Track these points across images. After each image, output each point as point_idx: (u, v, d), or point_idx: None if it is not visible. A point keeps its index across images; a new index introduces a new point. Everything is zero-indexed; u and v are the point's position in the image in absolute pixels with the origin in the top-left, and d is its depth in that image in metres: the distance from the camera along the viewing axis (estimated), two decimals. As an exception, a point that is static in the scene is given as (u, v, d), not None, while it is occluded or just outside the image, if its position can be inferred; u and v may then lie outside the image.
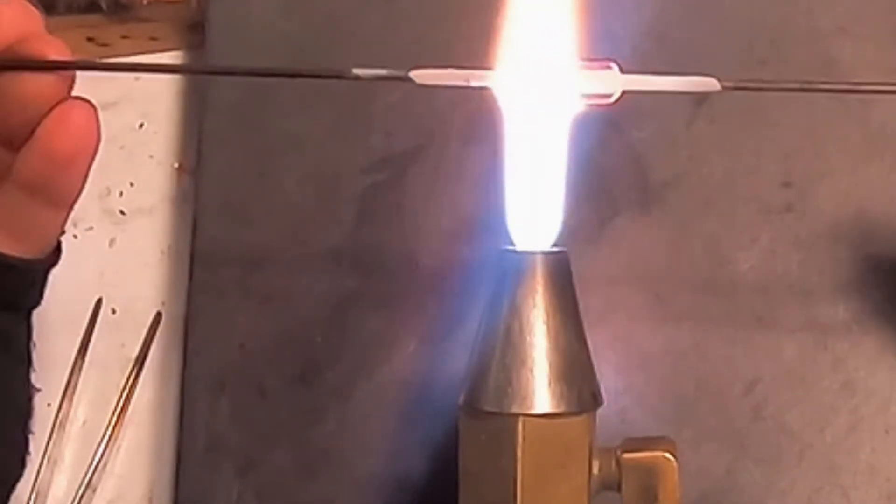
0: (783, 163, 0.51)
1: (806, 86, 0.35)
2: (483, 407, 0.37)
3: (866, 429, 0.49)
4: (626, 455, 0.40)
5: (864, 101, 0.51)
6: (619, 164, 0.52)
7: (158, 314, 0.58)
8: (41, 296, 0.38)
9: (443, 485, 0.40)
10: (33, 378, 0.39)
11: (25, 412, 0.38)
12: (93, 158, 0.34)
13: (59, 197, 0.34)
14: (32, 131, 0.33)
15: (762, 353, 0.50)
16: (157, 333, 0.58)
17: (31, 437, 0.38)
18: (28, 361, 0.38)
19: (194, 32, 0.60)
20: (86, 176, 0.35)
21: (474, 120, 0.53)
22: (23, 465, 0.38)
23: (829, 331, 0.49)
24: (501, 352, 0.37)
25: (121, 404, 0.57)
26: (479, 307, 0.39)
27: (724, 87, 0.33)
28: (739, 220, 0.51)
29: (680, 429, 0.49)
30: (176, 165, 0.60)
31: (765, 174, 0.51)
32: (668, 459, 0.40)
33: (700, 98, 0.52)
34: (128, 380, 0.57)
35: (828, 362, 0.49)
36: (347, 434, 0.51)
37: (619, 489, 0.40)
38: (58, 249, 0.37)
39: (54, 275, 0.39)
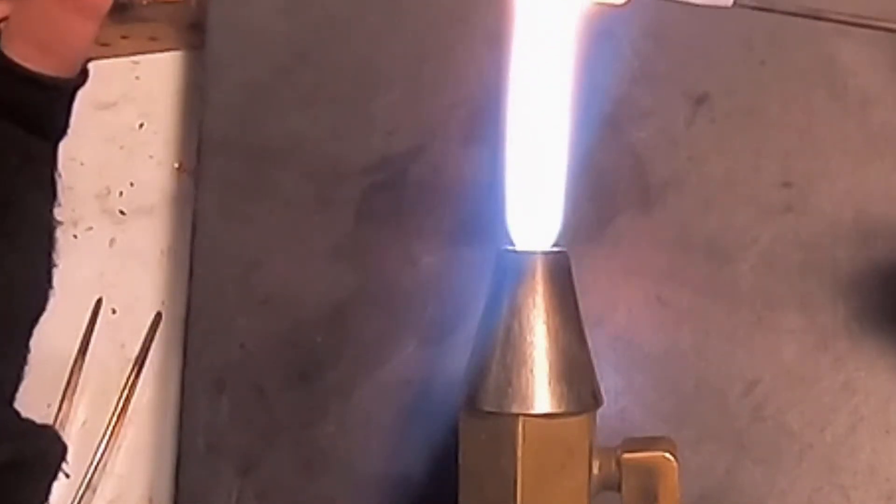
0: (783, 163, 0.51)
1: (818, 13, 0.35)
2: (483, 407, 0.37)
3: (866, 429, 0.48)
4: (626, 455, 0.40)
5: (864, 102, 0.51)
6: (619, 164, 0.52)
7: (158, 314, 0.59)
8: (67, 123, 0.38)
9: (443, 485, 0.40)
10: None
11: (50, 241, 0.39)
12: None
13: (90, 4, 0.34)
14: None
15: (762, 353, 0.50)
16: (157, 333, 0.58)
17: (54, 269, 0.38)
18: (54, 192, 0.38)
19: (194, 32, 0.60)
20: None
21: (474, 120, 0.53)
22: (46, 296, 0.38)
23: (829, 331, 0.49)
24: (501, 352, 0.37)
25: (121, 404, 0.57)
26: (479, 307, 0.39)
27: (736, 4, 0.33)
28: (739, 220, 0.51)
29: (680, 429, 0.49)
30: (176, 165, 0.60)
31: (765, 174, 0.51)
32: (668, 459, 0.40)
33: (700, 98, 0.52)
34: (128, 380, 0.57)
35: (828, 362, 0.49)
36: (347, 434, 0.51)
37: (619, 489, 0.40)
38: (84, 71, 0.37)
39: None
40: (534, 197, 0.39)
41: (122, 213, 0.61)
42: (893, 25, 0.35)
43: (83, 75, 0.37)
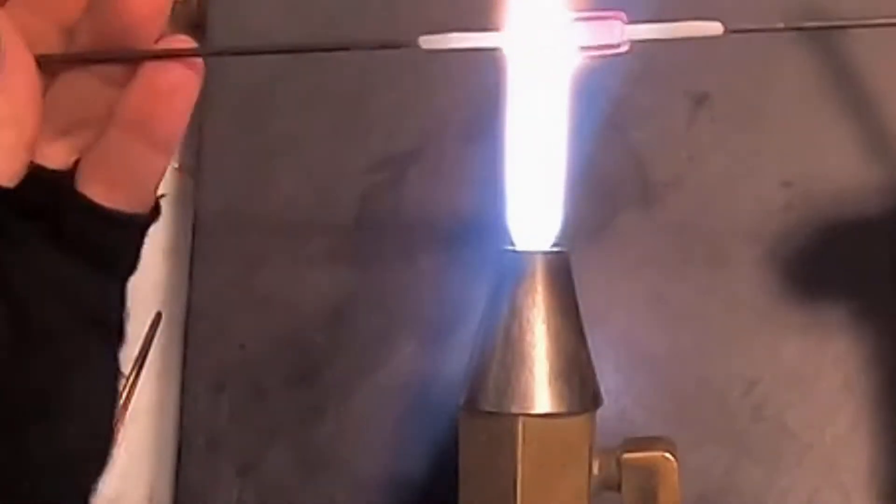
0: (783, 163, 0.51)
1: (820, 23, 0.35)
2: (483, 407, 0.37)
3: (866, 429, 0.49)
4: (626, 455, 0.40)
5: (864, 102, 0.51)
6: (619, 164, 0.52)
7: (158, 314, 0.58)
8: (137, 261, 0.36)
9: (443, 485, 0.40)
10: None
11: (112, 397, 0.36)
12: (194, 97, 0.34)
13: (161, 136, 0.34)
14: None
15: (762, 353, 0.50)
16: (157, 333, 0.58)
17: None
18: (120, 337, 0.36)
19: (194, 32, 0.60)
20: (186, 116, 0.34)
21: (474, 120, 0.53)
22: (107, 457, 0.35)
23: (829, 331, 0.49)
24: (501, 352, 0.37)
25: (121, 404, 0.57)
26: (479, 307, 0.39)
27: (727, 31, 0.33)
28: (739, 220, 0.51)
29: (680, 429, 0.49)
30: (176, 165, 0.60)
31: (765, 174, 0.51)
32: (668, 459, 0.40)
33: (700, 98, 0.52)
34: (128, 380, 0.57)
35: (828, 362, 0.49)
36: (347, 434, 0.51)
37: (619, 489, 0.40)
38: (156, 208, 0.36)
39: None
40: (534, 197, 0.39)
41: (122, 213, 0.61)
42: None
43: (156, 210, 0.36)
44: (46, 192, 0.33)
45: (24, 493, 0.32)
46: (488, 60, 0.37)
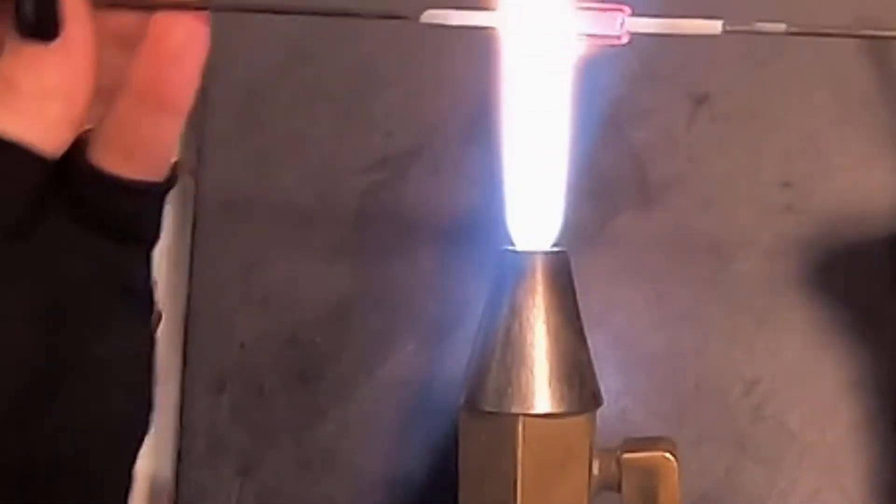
0: (783, 163, 0.51)
1: (824, 30, 0.35)
2: (483, 407, 0.37)
3: (866, 429, 0.49)
4: (626, 455, 0.40)
5: (864, 101, 0.51)
6: (619, 164, 0.52)
7: (158, 314, 0.58)
8: (160, 228, 0.35)
9: (443, 485, 0.40)
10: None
11: (148, 361, 0.36)
12: (202, 58, 0.33)
13: (171, 100, 0.33)
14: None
15: (762, 353, 0.50)
16: (157, 333, 0.58)
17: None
18: (150, 307, 0.36)
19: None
20: (197, 75, 0.33)
21: (474, 120, 0.53)
22: (148, 421, 0.36)
23: (829, 331, 0.49)
24: (501, 352, 0.37)
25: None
26: (479, 307, 0.39)
27: (725, 31, 0.33)
28: (739, 220, 0.51)
29: (680, 429, 0.49)
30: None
31: (765, 174, 0.51)
32: (668, 459, 0.40)
33: (700, 98, 0.52)
34: (128, 380, 0.57)
35: (828, 362, 0.49)
36: (347, 434, 0.51)
37: (619, 489, 0.40)
38: (174, 173, 0.35)
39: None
40: (534, 197, 0.39)
41: (122, 212, 0.61)
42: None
43: (172, 176, 0.35)
44: (63, 162, 0.32)
45: (70, 455, 0.32)
46: (489, 59, 0.37)
